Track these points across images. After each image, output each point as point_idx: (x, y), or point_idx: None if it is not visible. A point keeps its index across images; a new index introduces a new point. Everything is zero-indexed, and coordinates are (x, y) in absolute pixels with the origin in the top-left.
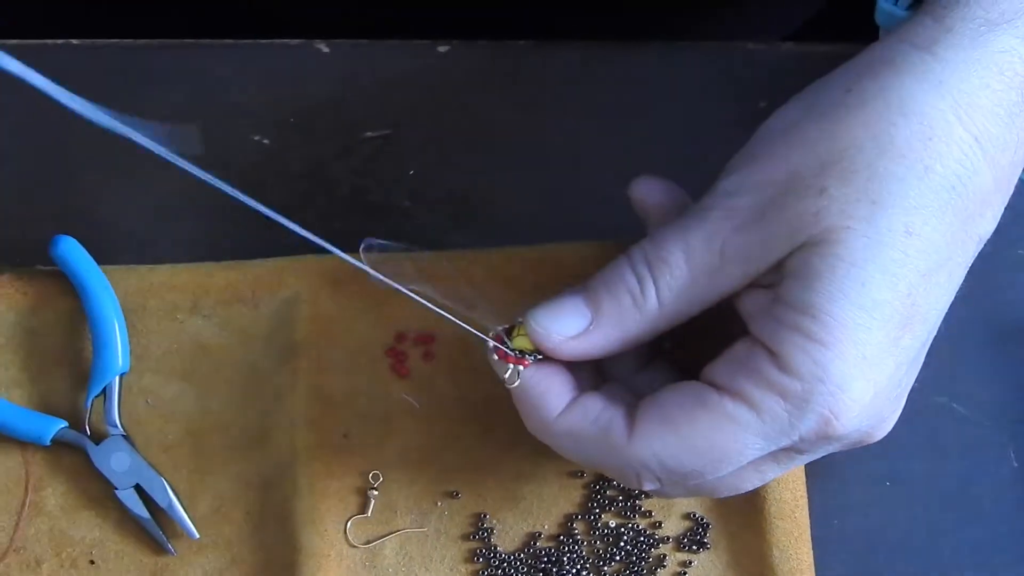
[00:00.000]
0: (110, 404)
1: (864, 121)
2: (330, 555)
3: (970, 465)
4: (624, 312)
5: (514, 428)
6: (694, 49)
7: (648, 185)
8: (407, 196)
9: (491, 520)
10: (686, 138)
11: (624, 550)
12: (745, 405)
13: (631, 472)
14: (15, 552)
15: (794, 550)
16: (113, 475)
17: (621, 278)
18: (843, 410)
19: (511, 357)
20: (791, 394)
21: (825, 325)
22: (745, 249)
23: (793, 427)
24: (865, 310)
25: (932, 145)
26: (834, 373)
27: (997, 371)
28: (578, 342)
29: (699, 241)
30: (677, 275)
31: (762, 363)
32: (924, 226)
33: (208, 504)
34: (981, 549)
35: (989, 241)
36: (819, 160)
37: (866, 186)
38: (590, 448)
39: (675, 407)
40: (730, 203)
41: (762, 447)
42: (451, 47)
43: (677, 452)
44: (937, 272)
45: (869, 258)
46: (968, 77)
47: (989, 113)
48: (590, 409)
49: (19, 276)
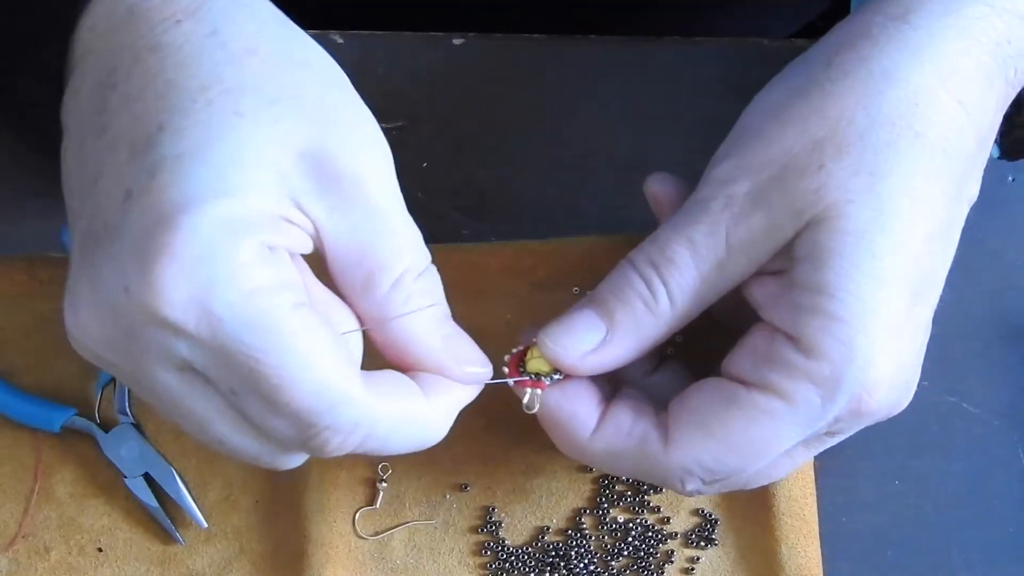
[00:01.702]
0: (120, 392)
1: (850, 92)
2: (339, 546)
3: (979, 464)
4: (639, 318)
5: (524, 421)
6: (707, 45)
7: (663, 181)
8: (420, 188)
9: (500, 513)
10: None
11: (632, 545)
12: (776, 397)
13: (674, 478)
14: (24, 539)
15: (802, 547)
16: (122, 463)
17: (629, 284)
18: (874, 386)
19: (528, 381)
20: (821, 378)
21: (844, 303)
22: (750, 236)
23: (827, 410)
24: (880, 281)
25: (919, 111)
26: (860, 350)
27: (1007, 370)
28: (597, 356)
29: (702, 235)
30: (686, 273)
31: (786, 351)
32: (923, 191)
33: (217, 493)
34: (990, 547)
35: (1001, 240)
36: (812, 137)
37: (862, 157)
38: (629, 462)
39: (706, 409)
40: (728, 191)
41: (798, 435)
42: (466, 40)
43: (717, 454)
44: (938, 237)
45: (876, 228)
46: (946, 44)
47: (968, 78)
48: (622, 423)
49: (31, 263)
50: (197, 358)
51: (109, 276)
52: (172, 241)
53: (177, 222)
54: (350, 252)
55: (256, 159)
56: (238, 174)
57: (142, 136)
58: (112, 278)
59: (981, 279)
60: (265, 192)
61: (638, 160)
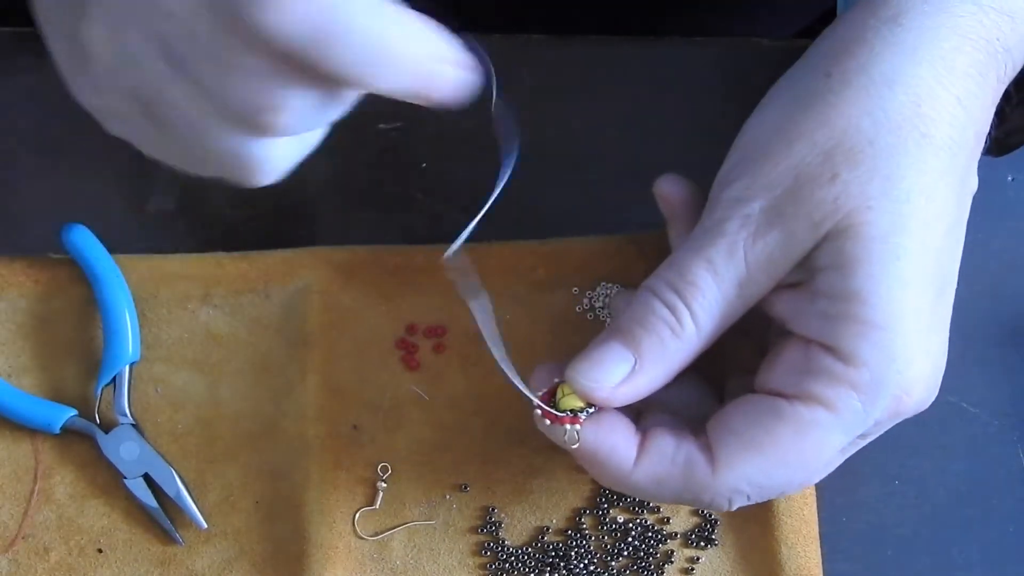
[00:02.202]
0: (120, 393)
1: (853, 101)
2: (338, 547)
3: (979, 464)
4: (666, 345)
5: (523, 421)
6: (707, 45)
7: (673, 183)
8: (420, 189)
9: (499, 513)
10: (699, 133)
11: (632, 545)
12: (821, 407)
13: (722, 499)
14: (24, 539)
15: (802, 547)
16: (122, 464)
17: (653, 312)
18: (912, 386)
19: (565, 418)
20: (862, 385)
21: (877, 307)
22: (768, 253)
23: (868, 415)
24: (908, 283)
25: (923, 111)
26: (898, 353)
27: (1006, 370)
28: (627, 387)
29: (721, 257)
30: (709, 296)
31: (825, 361)
32: (935, 191)
33: (217, 494)
34: (990, 547)
35: (1000, 240)
36: (821, 149)
37: (874, 164)
38: (674, 488)
39: (752, 427)
40: (743, 211)
41: (842, 442)
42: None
43: (766, 469)
44: (952, 232)
45: (897, 231)
46: (938, 42)
47: (964, 75)
48: (665, 450)
49: (31, 264)
50: None
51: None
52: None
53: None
54: None
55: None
56: None
57: None
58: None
59: (981, 279)
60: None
61: (638, 160)
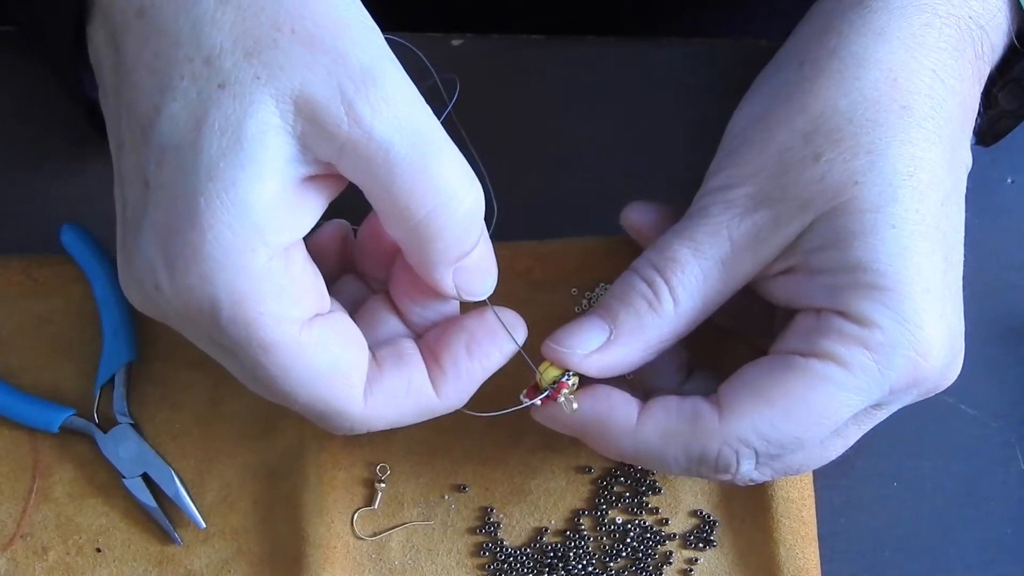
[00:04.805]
0: (118, 392)
1: (827, 84)
2: (336, 547)
3: (977, 465)
4: (642, 318)
5: (522, 422)
6: (706, 45)
7: (640, 210)
8: None
9: (498, 514)
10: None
11: (630, 546)
12: (833, 363)
13: (729, 451)
14: (22, 538)
15: (800, 548)
16: (121, 463)
17: (632, 286)
18: (927, 350)
19: (553, 392)
20: (875, 344)
21: (881, 273)
22: (754, 232)
23: (885, 376)
24: (908, 249)
25: (899, 85)
26: (909, 312)
27: (1004, 372)
28: (602, 355)
29: (704, 235)
30: (688, 271)
31: (837, 322)
32: (923, 160)
33: (215, 493)
34: (988, 548)
35: (999, 241)
36: (801, 133)
37: (856, 140)
38: (681, 440)
39: (763, 378)
40: (727, 196)
41: (856, 404)
42: (465, 40)
43: (776, 421)
44: (948, 201)
45: (888, 202)
46: (906, 20)
47: (936, 48)
48: (669, 405)
49: (29, 263)
50: (220, 343)
51: (141, 267)
52: (186, 257)
53: (186, 237)
54: (368, 187)
55: (251, 136)
56: (235, 169)
57: (145, 116)
58: (144, 270)
59: (979, 280)
60: (267, 175)
61: (636, 161)
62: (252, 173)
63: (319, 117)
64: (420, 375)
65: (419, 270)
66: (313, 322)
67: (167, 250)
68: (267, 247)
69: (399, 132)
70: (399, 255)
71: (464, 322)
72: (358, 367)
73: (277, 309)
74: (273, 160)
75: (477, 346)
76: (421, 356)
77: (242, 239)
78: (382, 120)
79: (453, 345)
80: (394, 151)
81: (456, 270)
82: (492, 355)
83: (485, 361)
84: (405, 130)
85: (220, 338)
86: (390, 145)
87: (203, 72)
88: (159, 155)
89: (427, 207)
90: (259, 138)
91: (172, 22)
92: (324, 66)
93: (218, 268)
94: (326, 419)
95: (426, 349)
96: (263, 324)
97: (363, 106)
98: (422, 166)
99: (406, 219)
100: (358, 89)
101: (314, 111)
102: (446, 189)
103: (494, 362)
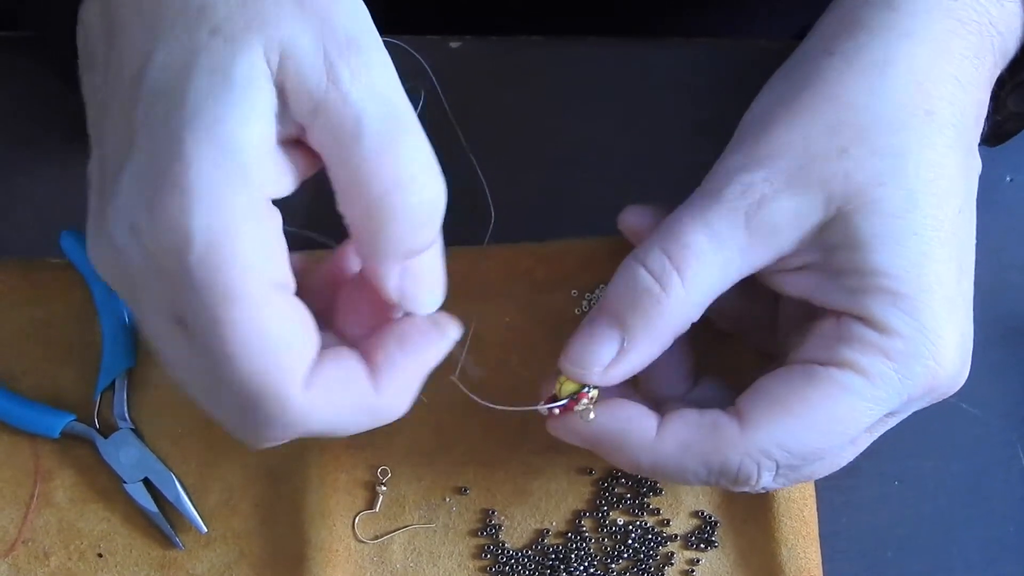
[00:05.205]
0: (119, 397)
1: (856, 78)
2: (338, 550)
3: (979, 464)
4: (652, 318)
5: (523, 423)
6: (707, 45)
7: (637, 213)
8: None
9: (499, 516)
10: (698, 134)
11: (632, 547)
12: (854, 372)
13: (750, 464)
14: (24, 544)
15: (802, 548)
16: (121, 468)
17: (636, 283)
18: (944, 356)
19: (571, 403)
20: (896, 353)
21: (903, 280)
22: (773, 221)
23: (904, 386)
24: (929, 257)
25: (924, 89)
26: (928, 321)
27: (1006, 370)
28: (620, 366)
29: (721, 218)
30: (703, 259)
31: (858, 330)
32: (943, 167)
33: (217, 497)
34: (990, 548)
35: (998, 240)
36: (826, 123)
37: (881, 140)
38: (701, 454)
39: (784, 389)
40: (743, 179)
41: (875, 412)
42: (463, 42)
43: (796, 432)
44: (964, 209)
45: (910, 207)
46: (932, 25)
47: (959, 55)
48: (688, 417)
49: (29, 269)
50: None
51: (116, 214)
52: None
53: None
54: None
55: (240, 77)
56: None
57: (135, 66)
58: (121, 214)
59: (979, 279)
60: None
61: (637, 162)
62: (239, 113)
63: (301, 72)
64: (358, 368)
65: (367, 262)
66: (278, 289)
67: (149, 185)
68: (249, 190)
69: (373, 102)
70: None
71: (395, 324)
72: (306, 352)
73: (251, 258)
74: (259, 103)
75: (409, 341)
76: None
77: (225, 175)
78: (359, 87)
79: (386, 342)
80: (365, 120)
81: (404, 271)
82: (425, 350)
83: (418, 356)
84: (379, 102)
85: (182, 291)
86: (362, 113)
87: (196, 20)
88: (148, 101)
89: (386, 184)
90: (247, 80)
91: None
92: (313, 26)
93: (198, 200)
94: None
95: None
96: (233, 268)
97: (343, 70)
98: (390, 141)
99: (363, 195)
100: (341, 54)
101: (298, 65)
102: (409, 171)
103: (429, 356)
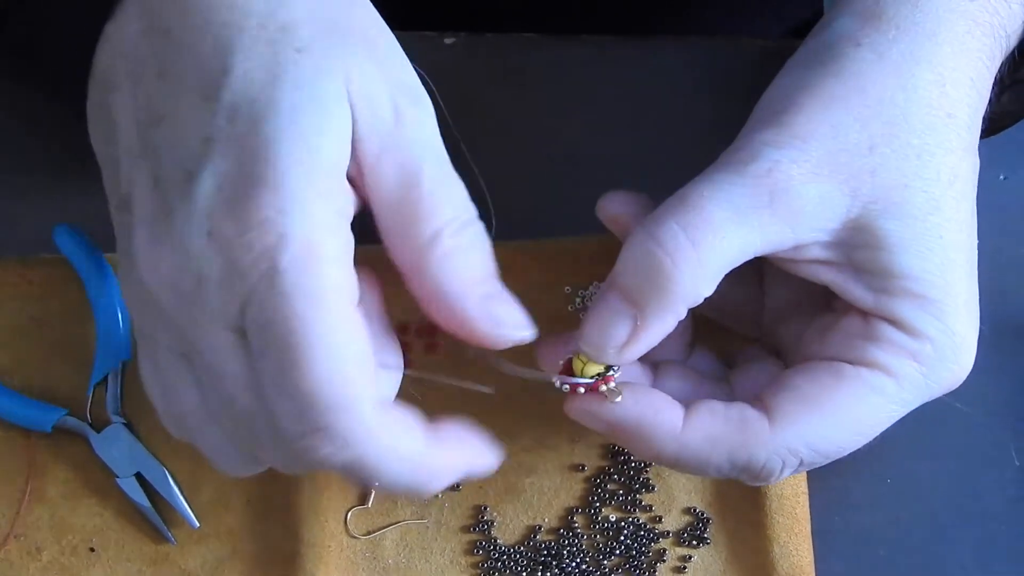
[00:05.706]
0: (112, 392)
1: (887, 73)
2: (331, 546)
3: (972, 463)
4: (665, 295)
5: (516, 420)
6: (704, 45)
7: (617, 201)
8: None
9: (491, 512)
10: (695, 133)
11: (624, 544)
12: (883, 373)
13: (776, 460)
14: (15, 538)
15: (794, 546)
16: (114, 463)
17: (650, 259)
18: (966, 358)
19: (596, 382)
20: (924, 356)
21: (931, 284)
22: (799, 207)
23: (929, 388)
24: (953, 261)
25: (947, 91)
26: (954, 325)
27: (999, 369)
28: (634, 346)
29: (744, 194)
30: (721, 234)
31: (888, 331)
32: (960, 170)
33: (209, 493)
34: (982, 547)
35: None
36: (857, 115)
37: (909, 140)
38: (727, 448)
39: (813, 387)
40: (774, 155)
41: (898, 414)
42: (458, 39)
43: (825, 431)
44: (973, 210)
45: (934, 210)
46: (952, 25)
47: (975, 57)
48: (716, 409)
49: (23, 264)
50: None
51: (188, 222)
52: (259, 193)
53: (264, 175)
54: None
55: (327, 94)
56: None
57: (210, 79)
58: (194, 222)
59: None
60: (333, 137)
61: (633, 160)
62: (328, 127)
63: (374, 111)
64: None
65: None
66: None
67: (238, 189)
68: (337, 202)
69: (431, 150)
70: None
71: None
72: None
73: (342, 264)
74: (344, 125)
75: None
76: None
77: (318, 182)
78: (423, 134)
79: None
80: (425, 167)
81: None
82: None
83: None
84: (435, 149)
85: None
86: (423, 161)
87: (279, 37)
88: (231, 111)
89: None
90: (336, 100)
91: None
92: (383, 70)
93: (294, 202)
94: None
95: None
96: (327, 272)
97: (411, 116)
98: (443, 184)
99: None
100: (408, 102)
101: (371, 105)
102: (461, 208)
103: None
